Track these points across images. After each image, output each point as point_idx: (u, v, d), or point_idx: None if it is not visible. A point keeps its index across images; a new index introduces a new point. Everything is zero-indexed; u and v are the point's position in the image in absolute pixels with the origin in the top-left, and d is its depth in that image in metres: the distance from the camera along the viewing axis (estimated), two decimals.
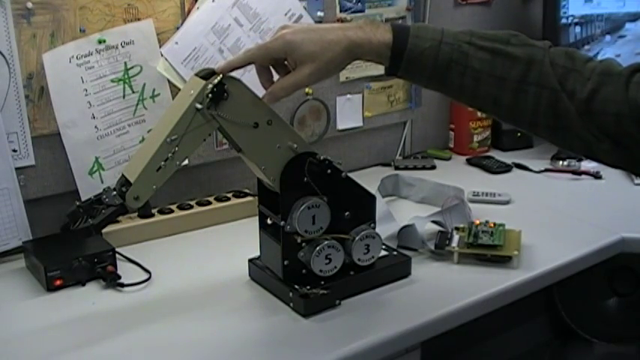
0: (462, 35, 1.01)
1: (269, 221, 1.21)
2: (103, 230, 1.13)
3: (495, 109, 1.03)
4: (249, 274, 1.26)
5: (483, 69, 0.99)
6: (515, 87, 0.99)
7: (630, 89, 0.96)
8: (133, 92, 1.46)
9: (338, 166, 1.16)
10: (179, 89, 1.44)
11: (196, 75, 1.09)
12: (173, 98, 1.47)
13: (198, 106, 1.04)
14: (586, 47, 1.89)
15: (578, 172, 1.77)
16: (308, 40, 1.00)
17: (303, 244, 1.16)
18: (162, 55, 1.47)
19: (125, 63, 1.44)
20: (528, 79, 0.99)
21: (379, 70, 1.80)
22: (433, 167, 1.86)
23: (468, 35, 1.01)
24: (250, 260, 1.26)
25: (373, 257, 1.21)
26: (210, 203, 1.53)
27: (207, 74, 1.07)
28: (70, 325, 1.13)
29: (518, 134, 2.01)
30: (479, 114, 1.94)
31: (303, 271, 1.17)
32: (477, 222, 1.35)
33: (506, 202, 1.60)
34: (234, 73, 1.07)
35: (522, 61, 0.99)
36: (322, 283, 1.16)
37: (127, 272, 1.28)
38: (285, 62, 1.07)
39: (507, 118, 1.05)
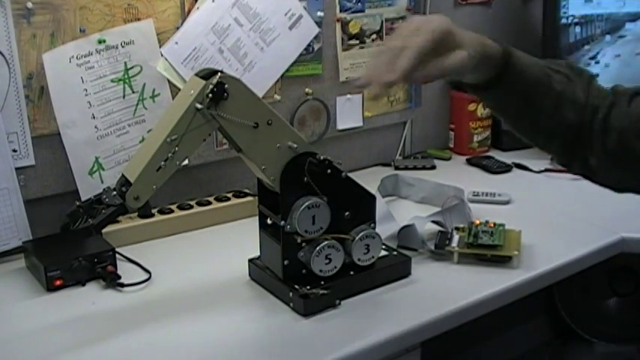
0: (543, 62, 1.07)
1: (269, 221, 1.21)
2: (103, 230, 1.13)
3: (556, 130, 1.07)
4: (249, 274, 1.26)
5: (563, 89, 1.04)
6: (580, 107, 1.04)
7: (632, 106, 1.00)
8: (133, 92, 1.46)
9: (338, 166, 1.16)
10: (179, 89, 1.44)
11: (196, 75, 1.09)
12: (173, 98, 1.47)
13: (198, 106, 1.04)
14: (586, 47, 1.89)
15: None
16: (460, 29, 1.00)
17: (303, 244, 1.16)
18: (162, 55, 1.47)
19: (125, 63, 1.44)
20: (589, 100, 1.04)
21: None
22: (433, 167, 1.86)
23: (546, 63, 1.07)
24: (250, 260, 1.26)
25: (373, 257, 1.21)
26: (210, 203, 1.53)
27: (207, 74, 1.07)
28: (70, 325, 1.13)
29: None
30: (479, 114, 1.95)
31: (303, 271, 1.17)
32: (477, 222, 1.35)
33: (506, 202, 1.60)
34: (232, 73, 1.07)
35: (584, 81, 1.06)
36: (322, 283, 1.16)
37: (127, 272, 1.28)
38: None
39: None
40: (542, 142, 1.11)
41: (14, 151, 1.34)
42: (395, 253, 1.28)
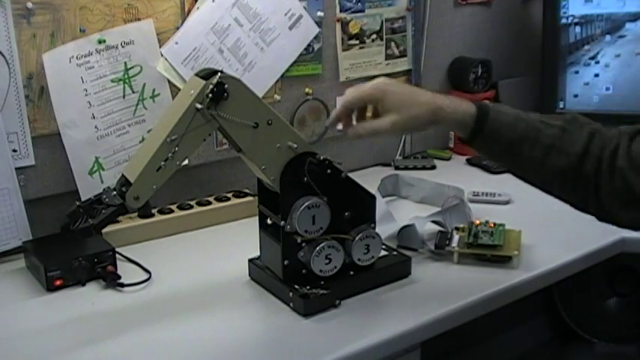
0: (533, 115, 1.10)
1: (269, 221, 1.21)
2: (103, 230, 1.13)
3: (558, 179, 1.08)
4: (249, 274, 1.26)
5: (553, 142, 1.06)
6: (577, 159, 1.06)
7: (633, 144, 1.02)
8: (133, 92, 1.46)
9: (338, 166, 1.16)
10: (179, 89, 1.44)
11: (196, 75, 1.09)
12: (173, 98, 1.47)
13: (199, 106, 1.04)
14: (586, 47, 1.89)
15: None
16: (399, 94, 1.10)
17: (303, 244, 1.16)
18: (162, 55, 1.47)
19: (125, 63, 1.44)
20: (590, 150, 1.05)
21: (379, 70, 1.81)
22: (433, 167, 1.86)
23: (538, 115, 1.10)
24: (250, 260, 1.26)
25: (373, 257, 1.21)
26: (210, 203, 1.53)
27: (207, 74, 1.07)
28: (70, 325, 1.13)
29: None
30: None
31: (303, 271, 1.17)
32: (477, 222, 1.35)
33: (506, 202, 1.60)
34: (232, 73, 1.07)
35: (586, 133, 1.07)
36: (322, 283, 1.16)
37: (127, 272, 1.28)
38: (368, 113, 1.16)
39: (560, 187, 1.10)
40: (541, 187, 1.13)
41: (14, 151, 1.34)
42: (395, 253, 1.28)
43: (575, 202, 1.11)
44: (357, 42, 1.75)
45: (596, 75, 1.90)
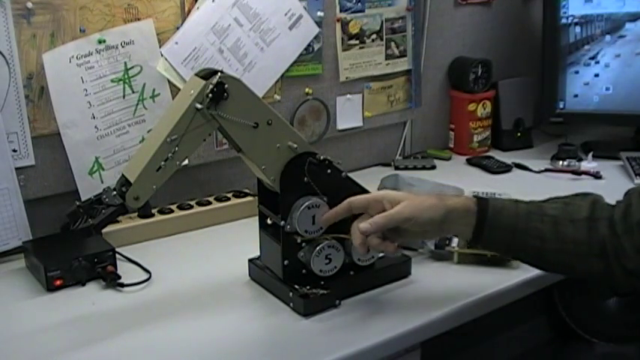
0: (534, 201, 1.12)
1: (269, 221, 1.21)
2: (103, 230, 1.13)
3: (571, 249, 1.08)
4: (249, 274, 1.26)
5: (558, 214, 1.08)
6: (586, 224, 1.07)
7: None
8: (133, 92, 1.46)
9: (338, 166, 1.16)
10: (179, 89, 1.44)
11: (196, 75, 1.09)
12: (173, 98, 1.47)
13: (198, 106, 1.04)
14: (586, 47, 1.89)
15: (578, 172, 1.77)
16: (408, 194, 1.13)
17: (303, 244, 1.16)
18: (162, 55, 1.47)
19: (125, 63, 1.44)
20: (595, 214, 1.07)
21: (379, 70, 1.81)
22: (433, 167, 1.86)
23: (540, 200, 1.13)
24: (250, 260, 1.26)
25: (373, 257, 1.21)
26: (210, 203, 1.53)
27: (207, 74, 1.07)
28: (70, 325, 1.13)
29: (518, 134, 2.01)
30: (479, 114, 1.95)
31: (303, 271, 1.17)
32: None
33: None
34: (232, 73, 1.07)
35: (588, 201, 1.09)
36: (322, 283, 1.16)
37: (127, 272, 1.28)
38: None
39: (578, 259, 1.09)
40: (561, 269, 1.13)
41: (14, 151, 1.34)
42: None
43: (599, 273, 1.08)
44: (357, 42, 1.75)
45: (596, 75, 1.90)
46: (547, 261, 1.11)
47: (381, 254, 1.22)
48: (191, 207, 1.50)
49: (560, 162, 1.83)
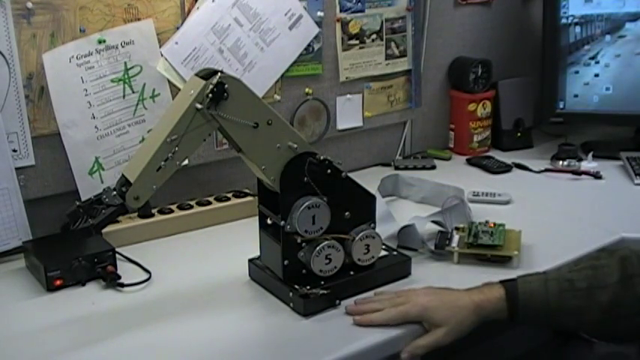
0: (562, 270, 1.14)
1: (269, 221, 1.21)
2: (103, 230, 1.13)
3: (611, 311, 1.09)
4: (249, 274, 1.27)
5: (589, 284, 1.09)
6: (621, 285, 1.08)
7: None
8: (133, 92, 1.46)
9: (338, 166, 1.16)
10: (179, 89, 1.44)
11: (196, 75, 1.09)
12: (173, 98, 1.47)
13: (198, 106, 1.04)
14: (586, 47, 1.89)
15: (578, 172, 1.77)
16: (442, 307, 1.11)
17: (303, 244, 1.16)
18: (162, 55, 1.47)
19: (125, 63, 1.44)
20: (627, 272, 1.08)
21: (379, 70, 1.81)
22: (433, 167, 1.86)
23: (567, 268, 1.15)
24: (250, 260, 1.26)
25: (373, 257, 1.21)
26: (210, 203, 1.53)
27: (207, 74, 1.07)
28: (70, 325, 1.13)
29: (518, 134, 2.01)
30: (479, 114, 1.95)
31: (303, 271, 1.17)
32: (477, 222, 1.35)
33: (506, 202, 1.60)
34: (232, 73, 1.07)
35: (616, 259, 1.10)
36: (322, 283, 1.16)
37: (127, 272, 1.28)
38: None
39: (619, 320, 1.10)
40: (608, 336, 1.17)
41: (14, 151, 1.34)
42: (395, 253, 1.28)
43: None
44: (357, 42, 1.75)
45: (596, 75, 1.90)
46: (588, 331, 1.16)
47: (381, 254, 1.22)
48: (191, 207, 1.50)
49: (560, 162, 1.83)
